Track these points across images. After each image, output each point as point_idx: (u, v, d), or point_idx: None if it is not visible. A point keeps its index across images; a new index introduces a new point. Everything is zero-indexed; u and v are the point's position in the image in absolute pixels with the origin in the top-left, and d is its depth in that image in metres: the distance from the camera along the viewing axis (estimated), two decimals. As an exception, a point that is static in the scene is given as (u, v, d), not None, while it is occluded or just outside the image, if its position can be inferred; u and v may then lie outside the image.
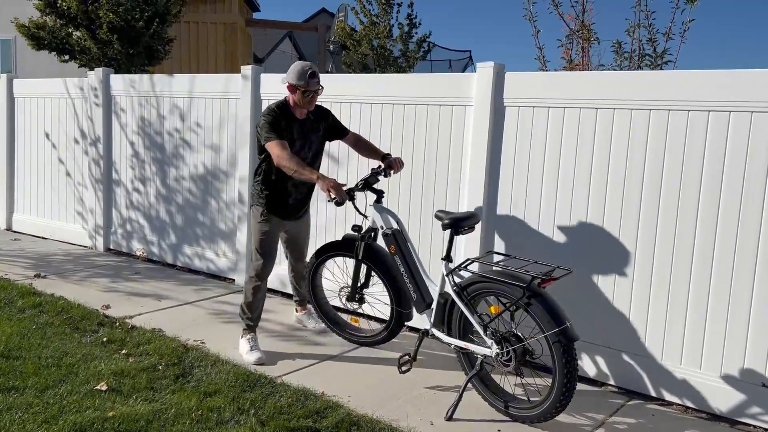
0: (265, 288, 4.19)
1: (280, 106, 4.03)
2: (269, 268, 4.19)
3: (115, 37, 7.98)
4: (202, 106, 5.97)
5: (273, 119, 3.92)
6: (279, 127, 3.91)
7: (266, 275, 4.17)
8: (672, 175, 3.60)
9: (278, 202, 4.12)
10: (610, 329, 3.86)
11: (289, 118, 3.99)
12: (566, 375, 3.09)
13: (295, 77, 3.90)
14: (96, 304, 4.96)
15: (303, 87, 3.90)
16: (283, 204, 4.13)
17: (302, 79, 3.88)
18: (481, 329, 3.37)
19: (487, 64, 4.21)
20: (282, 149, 3.82)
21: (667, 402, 3.67)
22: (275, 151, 3.83)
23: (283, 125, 3.92)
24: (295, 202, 4.19)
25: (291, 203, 4.17)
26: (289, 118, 3.98)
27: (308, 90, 3.91)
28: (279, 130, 3.89)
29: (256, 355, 4.01)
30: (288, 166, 3.78)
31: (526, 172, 4.13)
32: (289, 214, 4.20)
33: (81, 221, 7.11)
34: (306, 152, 4.11)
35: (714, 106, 3.44)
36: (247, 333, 4.17)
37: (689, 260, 3.57)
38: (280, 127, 3.91)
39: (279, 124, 3.92)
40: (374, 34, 13.30)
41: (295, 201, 4.18)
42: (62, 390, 3.43)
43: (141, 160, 6.50)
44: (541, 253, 4.07)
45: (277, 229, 4.21)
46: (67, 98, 7.08)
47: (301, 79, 3.88)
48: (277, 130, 3.89)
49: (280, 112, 3.98)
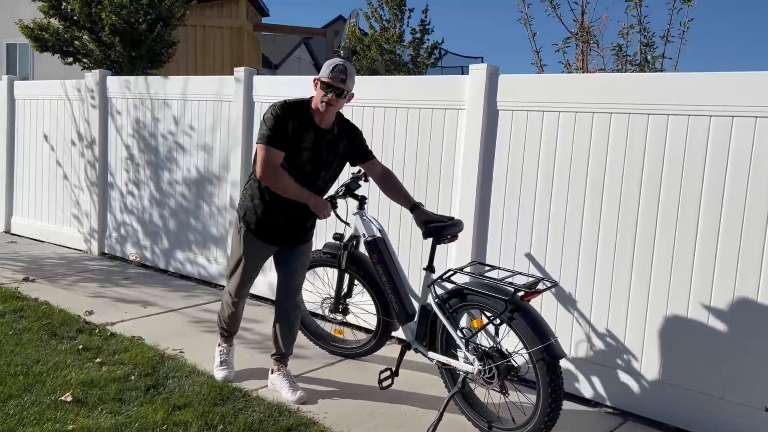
0: (243, 305, 3.69)
1: (297, 103, 3.23)
2: (247, 290, 3.60)
3: (118, 39, 7.93)
4: (196, 108, 5.85)
5: (279, 116, 3.14)
6: (283, 128, 3.13)
7: (244, 296, 3.62)
8: (672, 181, 3.38)
9: (267, 221, 3.32)
10: (605, 346, 3.64)
11: (305, 120, 3.19)
12: (551, 394, 2.89)
13: (322, 69, 3.20)
14: (80, 309, 4.84)
15: (324, 78, 3.14)
16: (273, 224, 3.34)
17: (326, 69, 3.16)
18: (462, 344, 3.17)
19: (479, 66, 4.04)
20: (271, 156, 3.11)
21: (665, 425, 3.44)
22: (262, 155, 3.12)
23: (290, 127, 3.14)
24: (292, 223, 3.36)
25: (286, 224, 3.34)
26: (304, 120, 3.19)
27: (328, 84, 3.13)
28: (281, 132, 3.13)
29: (223, 374, 3.67)
30: (273, 179, 3.11)
31: (519, 178, 3.94)
32: (278, 237, 3.38)
33: (77, 224, 7.03)
34: (316, 171, 3.29)
35: (716, 111, 3.23)
36: (222, 341, 3.79)
37: (689, 270, 3.35)
38: (284, 127, 3.13)
39: (285, 123, 3.14)
40: (384, 39, 13.18)
41: (293, 221, 3.35)
42: (26, 400, 3.29)
43: (136, 163, 6.40)
44: (534, 263, 3.87)
45: (259, 255, 3.46)
46: (65, 100, 7.02)
47: (326, 70, 3.16)
48: (278, 132, 3.12)
49: (292, 110, 3.18)
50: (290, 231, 3.41)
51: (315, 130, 3.22)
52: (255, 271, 3.57)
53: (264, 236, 3.39)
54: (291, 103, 3.21)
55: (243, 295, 3.60)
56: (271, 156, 3.13)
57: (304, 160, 3.23)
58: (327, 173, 3.37)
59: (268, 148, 3.14)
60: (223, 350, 3.78)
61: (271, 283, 5.25)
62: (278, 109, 3.16)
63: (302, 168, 3.24)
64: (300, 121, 3.17)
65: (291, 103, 3.21)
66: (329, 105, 3.18)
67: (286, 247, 3.47)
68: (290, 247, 3.47)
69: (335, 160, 3.38)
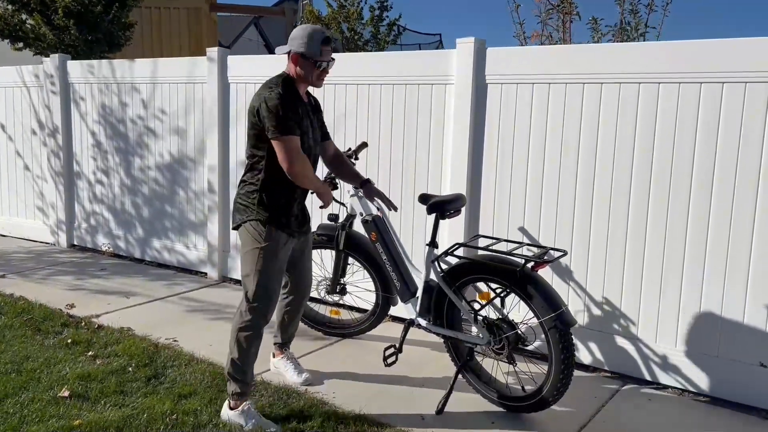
0: (263, 332, 3.09)
1: (286, 83, 2.96)
2: (272, 311, 3.07)
3: (72, 22, 7.57)
4: (167, 91, 5.66)
5: (286, 101, 2.86)
6: (294, 114, 2.90)
7: (269, 319, 3.07)
8: (664, 150, 3.46)
9: (286, 213, 3.03)
10: (603, 313, 3.73)
11: (297, 98, 2.98)
12: (563, 362, 2.94)
13: (304, 44, 2.91)
14: (60, 303, 4.67)
15: (317, 58, 2.94)
16: (290, 214, 3.06)
17: (316, 46, 2.93)
18: (470, 317, 3.20)
19: (467, 40, 4.02)
20: (299, 149, 2.88)
21: (663, 385, 3.55)
22: (292, 151, 2.84)
23: (294, 108, 2.92)
24: (300, 211, 3.17)
25: (297, 213, 3.12)
26: (297, 98, 2.98)
27: (323, 62, 2.96)
28: (295, 120, 2.89)
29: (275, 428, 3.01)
30: (304, 175, 2.89)
31: (511, 151, 3.96)
32: (298, 227, 3.13)
33: (42, 217, 6.75)
34: (315, 148, 3.15)
35: (706, 78, 3.30)
36: (239, 401, 3.02)
37: (683, 239, 3.44)
38: (296, 113, 2.91)
39: (294, 109, 2.90)
40: (343, 18, 13.02)
41: (300, 209, 3.16)
42: (23, 398, 3.17)
43: (104, 151, 6.17)
44: (528, 236, 3.92)
45: (287, 252, 3.10)
46: (21, 87, 6.69)
47: (315, 47, 2.93)
48: (291, 119, 2.86)
49: (287, 91, 2.92)
50: (304, 216, 3.18)
51: (303, 105, 3.02)
52: (281, 280, 3.16)
53: (290, 228, 3.05)
54: (285, 86, 2.93)
55: (269, 318, 3.08)
56: (294, 146, 2.86)
57: (310, 137, 3.06)
58: (317, 147, 3.19)
59: (293, 138, 2.86)
60: (248, 410, 3.00)
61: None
62: (280, 95, 2.86)
63: (310, 146, 3.05)
64: (295, 99, 2.95)
65: (285, 86, 2.93)
66: (322, 80, 3.04)
67: (300, 237, 3.19)
68: (304, 233, 3.22)
69: (319, 132, 3.21)
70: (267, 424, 2.97)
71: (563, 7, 5.13)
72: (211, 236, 5.43)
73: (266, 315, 3.03)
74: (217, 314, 4.58)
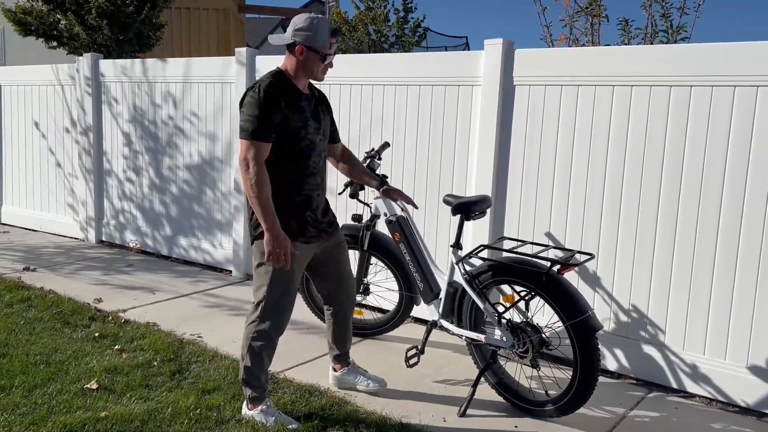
0: (278, 341, 3.00)
1: (278, 77, 2.79)
2: (287, 320, 2.95)
3: (105, 22, 7.71)
4: (198, 91, 5.73)
5: (266, 99, 2.69)
6: (269, 115, 2.69)
7: (283, 329, 2.96)
8: (695, 155, 3.40)
9: (296, 219, 2.87)
10: (629, 319, 3.67)
11: (291, 92, 2.80)
12: (588, 367, 2.91)
13: (312, 36, 2.75)
14: (87, 297, 4.75)
15: (326, 51, 2.79)
16: (313, 218, 2.91)
17: (324, 39, 2.78)
18: (494, 319, 3.18)
19: (495, 41, 4.00)
20: (260, 153, 2.68)
21: (690, 394, 3.49)
22: (250, 151, 2.67)
23: (283, 105, 2.73)
24: (316, 213, 2.95)
25: (311, 217, 2.91)
26: (291, 92, 2.80)
27: (330, 55, 2.83)
28: (268, 122, 2.68)
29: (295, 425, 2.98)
30: (253, 181, 2.66)
31: (537, 153, 3.93)
32: (322, 232, 2.97)
33: (72, 213, 6.88)
34: (322, 142, 2.94)
35: (741, 81, 3.24)
36: (256, 404, 3.00)
37: (713, 245, 3.38)
38: (271, 112, 2.69)
39: (272, 107, 2.70)
40: (370, 19, 13.06)
41: (314, 211, 2.93)
42: (51, 389, 3.23)
43: (134, 149, 6.27)
44: (554, 240, 3.88)
45: (303, 263, 2.95)
46: (56, 85, 6.83)
47: (323, 39, 2.78)
48: (266, 121, 2.68)
49: (275, 86, 2.75)
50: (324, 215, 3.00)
51: (304, 97, 2.87)
52: (295, 294, 2.97)
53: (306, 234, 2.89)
54: (274, 80, 2.77)
55: (284, 326, 2.96)
56: (263, 151, 2.70)
57: (311, 131, 2.86)
58: (324, 141, 2.99)
59: (256, 142, 2.69)
60: (267, 409, 2.99)
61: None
62: (259, 92, 2.69)
63: (312, 141, 2.86)
64: (287, 94, 2.77)
65: (274, 80, 2.77)
66: (325, 72, 2.90)
67: (324, 240, 3.02)
68: (329, 235, 3.04)
69: (328, 125, 3.04)
70: (288, 421, 2.98)
71: (591, 9, 5.07)
72: (237, 235, 5.48)
73: (279, 328, 2.93)
74: (240, 311, 4.61)
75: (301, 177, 2.87)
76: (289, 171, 2.83)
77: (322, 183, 3.00)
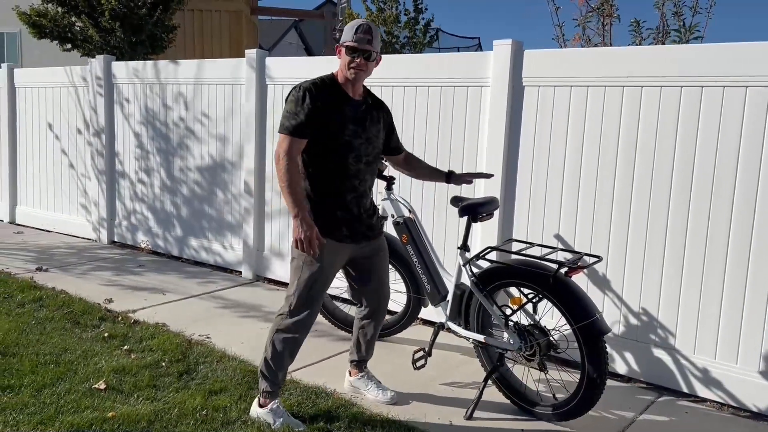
0: (302, 341, 3.03)
1: (324, 80, 2.90)
2: (313, 318, 2.99)
3: (118, 24, 7.78)
4: (209, 93, 5.76)
5: (304, 96, 2.79)
6: (313, 110, 2.79)
7: (308, 328, 3.00)
8: (706, 157, 3.36)
9: (331, 217, 2.91)
10: (639, 322, 3.64)
11: (337, 94, 2.89)
12: (596, 370, 2.88)
13: (340, 35, 2.87)
14: (98, 297, 4.79)
15: (349, 42, 2.83)
16: (347, 218, 2.94)
17: (348, 33, 2.84)
18: (501, 322, 3.15)
19: (504, 42, 3.98)
20: (293, 148, 2.79)
21: (701, 398, 3.44)
22: (284, 145, 2.78)
23: (320, 105, 2.81)
24: (364, 210, 2.98)
25: (346, 217, 2.94)
26: (336, 94, 2.88)
27: (354, 48, 2.82)
28: (308, 117, 2.78)
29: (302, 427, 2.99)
30: (283, 171, 2.77)
31: (547, 155, 3.90)
32: (358, 234, 2.98)
33: (85, 213, 6.94)
34: (365, 146, 2.93)
35: (752, 81, 3.20)
36: (268, 399, 3.02)
37: (724, 247, 3.33)
38: (316, 109, 2.80)
39: (309, 106, 2.79)
40: (381, 21, 13.06)
41: (350, 212, 2.94)
42: (60, 389, 3.25)
43: (146, 150, 6.31)
44: (563, 242, 3.85)
45: (338, 258, 2.98)
46: (69, 87, 6.90)
47: (347, 34, 2.84)
48: (300, 118, 2.78)
49: (319, 88, 2.84)
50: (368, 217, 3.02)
51: (351, 103, 2.91)
52: (326, 287, 3.00)
53: (342, 232, 2.92)
54: (317, 82, 2.87)
55: (307, 328, 2.99)
56: (296, 147, 2.81)
57: (350, 133, 2.89)
58: (374, 149, 3.01)
59: (293, 138, 2.80)
60: (276, 409, 3.00)
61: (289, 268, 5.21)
62: (300, 90, 2.81)
63: (349, 143, 2.88)
64: (331, 96, 2.86)
65: (317, 82, 2.87)
66: (359, 70, 2.86)
67: (365, 242, 3.03)
68: (370, 239, 3.05)
69: (379, 132, 3.05)
70: (295, 424, 2.98)
71: (603, 9, 5.03)
72: (247, 237, 5.50)
73: (306, 326, 2.98)
74: (249, 312, 4.63)
75: (335, 177, 2.91)
76: (323, 169, 2.90)
77: (361, 186, 2.98)
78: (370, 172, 3.03)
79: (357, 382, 3.40)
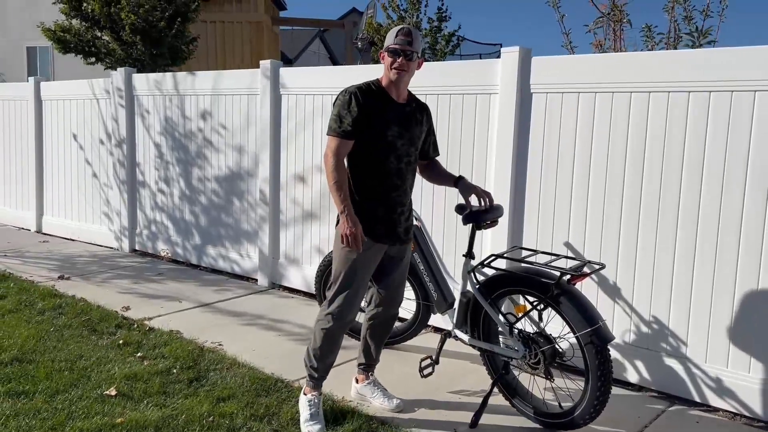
0: (343, 332, 3.13)
1: (368, 84, 3.03)
2: (355, 309, 3.08)
3: (138, 38, 7.96)
4: (226, 103, 5.85)
5: (350, 99, 2.94)
6: (359, 114, 2.92)
7: (350, 318, 3.08)
8: (715, 163, 3.31)
9: (370, 216, 3.03)
10: (650, 330, 3.59)
11: (381, 97, 3.01)
12: (600, 378, 2.85)
13: (386, 40, 3.01)
14: (116, 305, 4.88)
15: (390, 44, 2.95)
16: (386, 218, 3.05)
17: (390, 37, 2.97)
18: (506, 330, 3.14)
19: (512, 49, 3.98)
20: (340, 149, 2.93)
21: (713, 408, 3.38)
22: (332, 146, 2.93)
23: (365, 107, 2.94)
24: (396, 212, 3.08)
25: (396, 217, 3.08)
26: (380, 97, 3.00)
27: (395, 49, 2.93)
28: (356, 119, 2.92)
29: (316, 428, 3.03)
30: (331, 169, 2.91)
31: (555, 161, 3.88)
32: (394, 234, 3.09)
33: (107, 222, 7.09)
34: (406, 147, 3.05)
35: (762, 86, 3.15)
36: (310, 389, 3.18)
37: (735, 254, 3.28)
38: (362, 112, 2.93)
39: (354, 109, 2.92)
40: (402, 29, 13.11)
41: (389, 214, 3.06)
42: (72, 395, 3.33)
43: (165, 160, 6.43)
44: (572, 250, 3.82)
45: (375, 257, 3.07)
46: (92, 99, 7.07)
47: (389, 38, 2.97)
48: (346, 121, 2.92)
49: (364, 91, 2.97)
50: (405, 221, 3.13)
51: (395, 105, 3.03)
52: (366, 282, 3.10)
53: (381, 233, 3.05)
54: (363, 86, 3.01)
55: (348, 317, 3.07)
56: (344, 148, 2.95)
57: (393, 134, 3.00)
58: (416, 150, 3.12)
59: (341, 140, 2.94)
60: (312, 400, 3.14)
61: (305, 276, 5.26)
62: (347, 94, 2.96)
63: (392, 143, 3.00)
64: (375, 99, 2.98)
65: (363, 86, 3.01)
66: (401, 71, 2.96)
67: (399, 245, 3.14)
68: (403, 243, 3.15)
69: (422, 134, 3.15)
70: (317, 422, 3.05)
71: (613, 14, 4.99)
72: (263, 245, 5.56)
73: (343, 319, 3.07)
74: (261, 320, 4.68)
75: (376, 175, 3.02)
76: (367, 169, 3.02)
77: (402, 187, 3.09)
78: (411, 172, 3.14)
79: (363, 389, 3.42)
